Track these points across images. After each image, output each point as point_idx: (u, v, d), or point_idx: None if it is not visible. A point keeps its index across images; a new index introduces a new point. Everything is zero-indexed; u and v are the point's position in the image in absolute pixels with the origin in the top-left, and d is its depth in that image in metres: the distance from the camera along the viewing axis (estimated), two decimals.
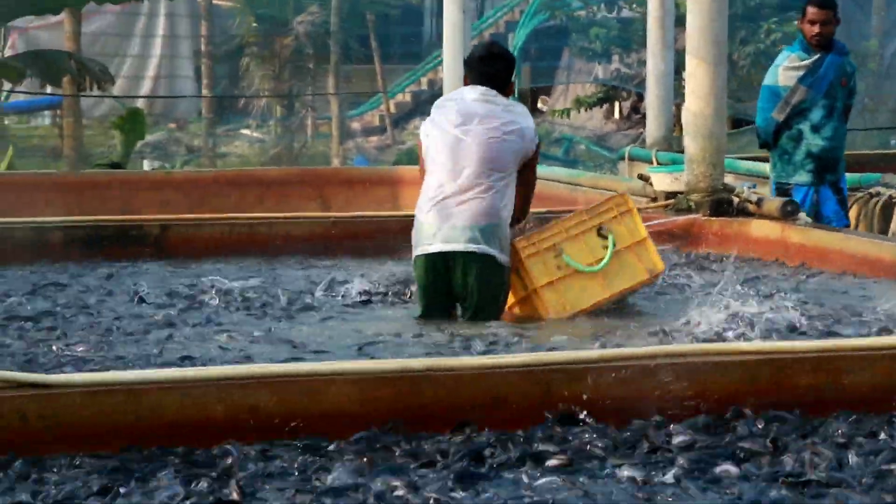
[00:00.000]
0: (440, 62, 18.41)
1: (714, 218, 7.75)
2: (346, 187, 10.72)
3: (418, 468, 3.51)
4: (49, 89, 16.92)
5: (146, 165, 18.68)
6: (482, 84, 5.78)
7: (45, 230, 7.60)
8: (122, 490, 3.31)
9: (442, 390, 3.88)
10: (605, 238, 5.91)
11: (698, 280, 6.53)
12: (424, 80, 24.55)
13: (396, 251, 6.53)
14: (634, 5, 19.61)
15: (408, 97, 24.74)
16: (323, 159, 20.89)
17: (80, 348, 5.01)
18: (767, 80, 7.89)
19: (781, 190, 7.86)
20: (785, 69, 7.76)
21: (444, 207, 5.62)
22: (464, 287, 5.62)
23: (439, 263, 5.63)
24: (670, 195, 8.09)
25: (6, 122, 20.73)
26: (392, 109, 23.87)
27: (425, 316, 5.69)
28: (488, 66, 5.82)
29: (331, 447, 3.65)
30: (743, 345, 4.61)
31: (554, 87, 22.23)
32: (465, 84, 5.90)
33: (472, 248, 5.58)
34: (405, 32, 25.83)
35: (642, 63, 18.04)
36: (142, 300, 6.11)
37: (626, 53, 20.05)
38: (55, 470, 3.47)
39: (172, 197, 10.12)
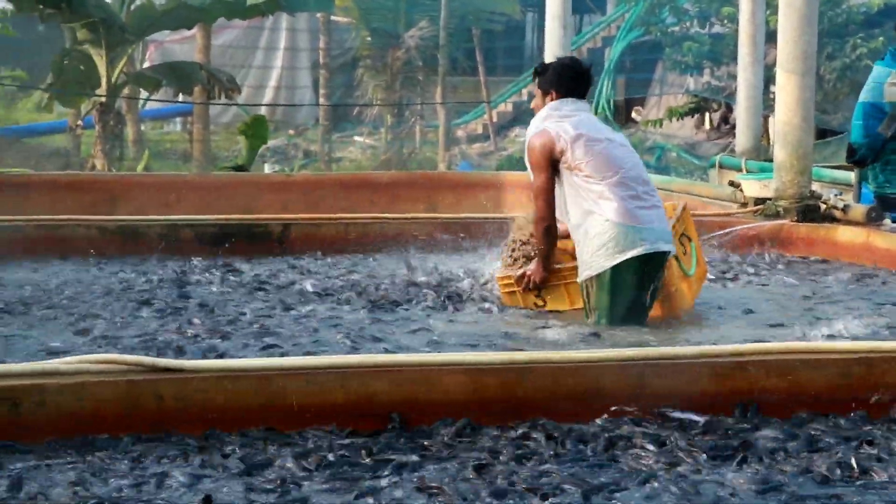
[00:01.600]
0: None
1: (801, 223, 7.65)
2: (452, 190, 10.74)
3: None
4: (181, 98, 17.20)
5: (267, 168, 18.89)
6: (573, 97, 5.66)
7: (178, 227, 7.72)
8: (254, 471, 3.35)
9: (544, 380, 3.86)
10: (686, 243, 5.87)
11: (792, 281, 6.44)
12: (525, 92, 24.49)
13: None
14: (726, 21, 19.36)
15: (509, 107, 24.70)
16: (430, 164, 20.94)
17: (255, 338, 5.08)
18: (869, 96, 7.52)
19: (887, 201, 7.63)
20: (890, 85, 7.46)
21: (644, 210, 5.42)
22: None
23: (663, 262, 5.48)
24: (760, 201, 8.01)
25: (142, 128, 21.08)
26: (494, 118, 23.85)
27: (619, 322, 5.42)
28: (587, 83, 5.75)
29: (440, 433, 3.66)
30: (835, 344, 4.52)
31: (647, 99, 22.04)
32: (554, 93, 5.62)
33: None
34: (508, 46, 25.80)
35: (732, 76, 17.84)
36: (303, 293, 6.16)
37: (717, 67, 19.81)
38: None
39: (292, 198, 10.22)
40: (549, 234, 5.59)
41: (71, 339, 5.05)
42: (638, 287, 5.43)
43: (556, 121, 5.52)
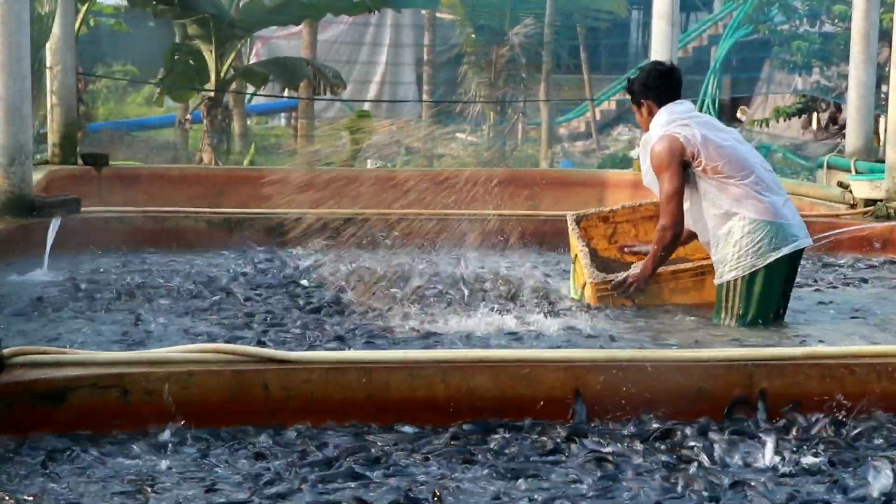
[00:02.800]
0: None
1: None
2: (554, 188, 10.71)
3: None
4: (287, 93, 17.39)
5: (370, 164, 19.00)
6: (670, 100, 5.61)
7: (283, 220, 7.81)
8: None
9: (645, 379, 3.83)
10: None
11: None
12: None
13: None
14: (837, 20, 18.99)
15: (612, 105, 24.53)
16: (531, 162, 20.89)
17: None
18: None
19: None
20: None
21: (784, 205, 5.44)
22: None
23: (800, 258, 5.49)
24: (870, 202, 7.86)
25: (248, 123, 21.38)
26: (598, 117, 23.71)
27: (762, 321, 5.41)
28: (679, 82, 5.71)
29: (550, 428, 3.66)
30: None
31: (753, 98, 21.71)
32: (656, 106, 5.58)
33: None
34: (613, 44, 25.63)
35: (842, 76, 17.48)
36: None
37: (827, 66, 19.43)
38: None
39: (395, 193, 10.26)
40: (675, 243, 5.55)
41: (178, 328, 5.14)
42: (785, 284, 5.42)
43: (679, 125, 5.48)
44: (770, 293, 5.38)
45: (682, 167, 5.41)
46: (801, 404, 3.79)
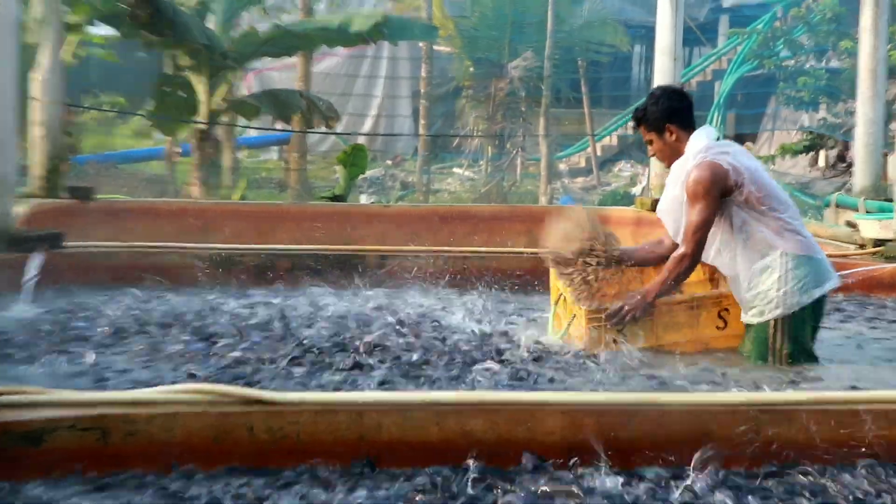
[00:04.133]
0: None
1: None
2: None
3: None
4: (279, 126, 17.42)
5: (364, 199, 19.03)
6: (690, 126, 5.58)
7: (274, 256, 7.79)
8: None
9: (648, 424, 3.79)
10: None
11: None
12: (630, 125, 24.38)
13: None
14: (844, 55, 19.06)
15: (614, 140, 24.61)
16: (530, 198, 20.91)
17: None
18: None
19: None
20: None
21: (815, 243, 5.46)
22: None
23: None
24: (879, 242, 7.83)
25: (239, 156, 21.40)
26: (598, 152, 23.76)
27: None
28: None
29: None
30: None
31: (759, 135, 21.77)
32: (681, 130, 5.54)
33: None
34: (614, 78, 25.72)
35: (849, 113, 17.54)
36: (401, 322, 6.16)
37: (834, 103, 19.50)
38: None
39: (389, 229, 10.26)
40: (688, 274, 5.49)
41: (160, 368, 5.09)
42: (820, 320, 5.41)
43: (719, 152, 5.40)
44: (814, 332, 5.38)
45: (720, 197, 5.34)
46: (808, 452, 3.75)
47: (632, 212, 10.69)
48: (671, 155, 5.58)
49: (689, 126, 5.56)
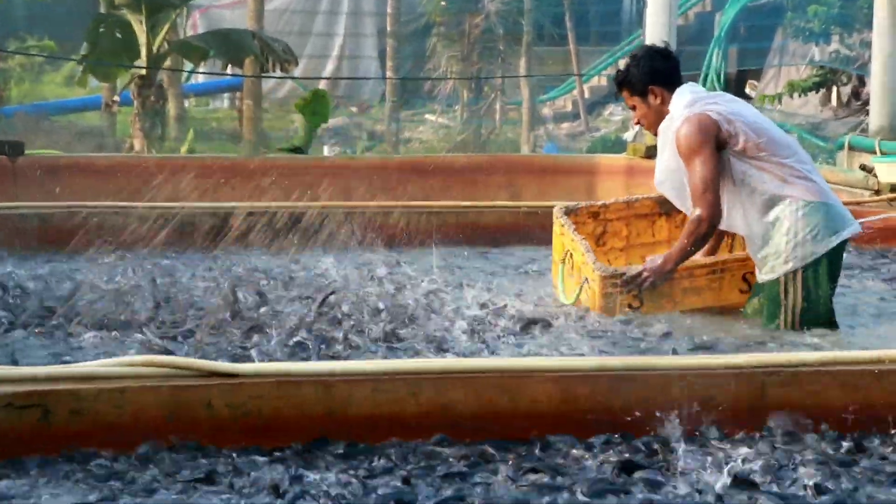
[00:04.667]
0: (640, 44, 18.18)
1: None
2: (538, 176, 10.74)
3: None
4: (230, 70, 17.36)
5: (326, 150, 19.01)
6: (678, 85, 5.64)
7: (227, 215, 7.80)
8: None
9: (643, 390, 3.85)
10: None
11: None
12: (622, 63, 24.30)
13: None
14: None
15: (603, 81, 24.61)
16: (511, 146, 20.95)
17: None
18: None
19: None
20: None
21: (829, 188, 5.52)
22: None
23: None
24: None
25: (186, 105, 21.32)
26: (586, 94, 23.78)
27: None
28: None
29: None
30: None
31: (764, 71, 21.81)
32: (668, 93, 5.58)
33: None
34: (603, 11, 25.70)
35: (865, 44, 17.58)
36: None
37: (848, 34, 19.53)
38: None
39: (355, 184, 10.28)
40: (709, 236, 5.54)
41: (104, 342, 5.12)
42: (838, 273, 5.45)
43: (706, 104, 5.47)
44: (829, 287, 5.41)
45: (716, 149, 5.38)
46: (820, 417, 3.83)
47: (623, 159, 10.75)
48: (657, 120, 5.64)
49: (675, 87, 5.60)
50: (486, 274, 6.92)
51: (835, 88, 20.37)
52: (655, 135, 5.69)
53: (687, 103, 5.48)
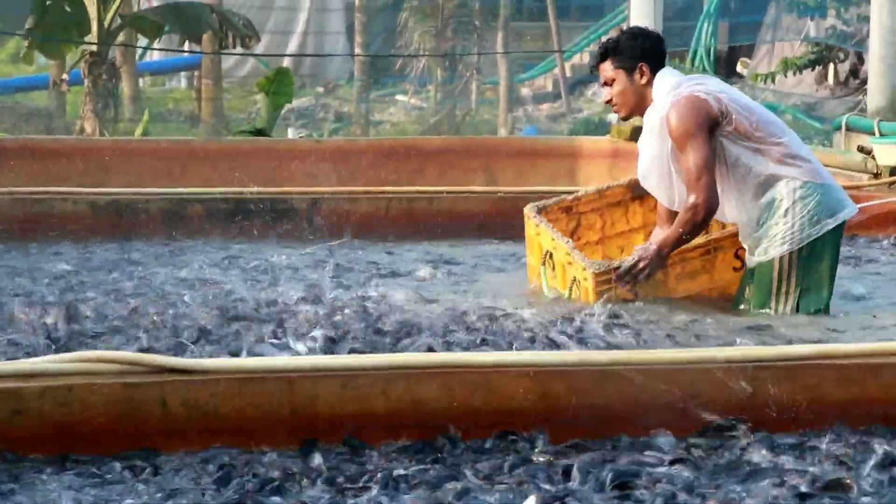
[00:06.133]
0: (625, 18, 18.22)
1: None
2: (516, 159, 10.75)
3: None
4: (187, 47, 17.32)
5: (291, 133, 18.98)
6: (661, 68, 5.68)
7: (184, 202, 7.79)
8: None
9: (629, 387, 3.87)
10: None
11: None
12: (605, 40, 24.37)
13: None
14: None
15: (586, 59, 24.66)
16: (488, 128, 20.97)
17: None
18: None
19: None
20: None
21: (824, 169, 5.59)
22: None
23: None
24: None
25: (141, 84, 21.26)
26: (568, 73, 23.81)
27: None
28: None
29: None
30: None
31: (757, 47, 21.88)
32: (652, 76, 5.61)
33: None
34: None
35: (864, 18, 17.66)
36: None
37: (845, 7, 19.62)
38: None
39: (322, 168, 10.28)
40: (705, 223, 5.56)
41: (50, 336, 5.10)
42: (836, 259, 5.49)
43: (694, 83, 5.51)
44: (831, 270, 5.46)
45: (710, 131, 5.41)
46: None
47: (607, 142, 10.77)
48: (634, 103, 5.65)
49: (658, 70, 5.63)
50: (461, 264, 6.92)
51: (831, 66, 20.45)
52: (625, 119, 5.74)
53: (671, 87, 5.52)
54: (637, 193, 6.18)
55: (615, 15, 23.07)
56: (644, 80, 5.60)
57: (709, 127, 5.40)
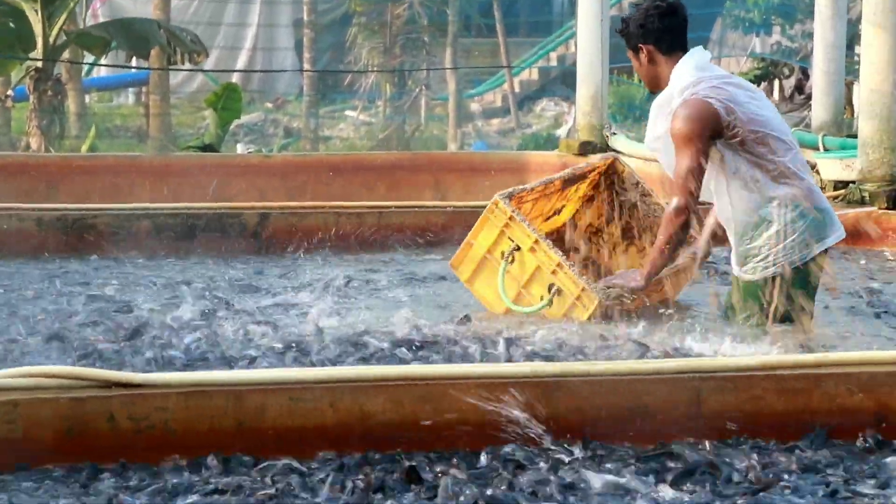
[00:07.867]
0: (572, 35, 18.26)
1: (893, 211, 7.66)
2: (465, 174, 10.79)
3: None
4: (134, 63, 17.28)
5: (240, 148, 18.96)
6: (679, 48, 5.58)
7: (132, 218, 7.77)
8: None
9: (574, 399, 3.89)
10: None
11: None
12: (554, 56, 24.52)
13: None
14: None
15: (534, 74, 24.72)
16: (438, 144, 21.00)
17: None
18: None
19: None
20: None
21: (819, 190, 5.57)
22: None
23: None
24: (841, 185, 8.02)
25: (87, 100, 21.16)
26: (517, 88, 23.89)
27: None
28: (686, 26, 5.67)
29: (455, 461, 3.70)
30: None
31: None
32: (661, 54, 5.54)
33: None
34: (532, 1, 25.83)
35: (808, 35, 17.80)
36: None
37: (790, 24, 19.78)
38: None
39: (271, 184, 10.28)
40: (686, 230, 5.50)
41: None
42: (818, 280, 5.50)
43: (711, 87, 5.42)
44: (815, 291, 5.48)
45: (711, 139, 5.38)
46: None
47: (556, 156, 10.81)
48: (649, 80, 5.63)
49: (673, 50, 5.55)
50: (408, 279, 6.93)
51: (777, 82, 20.62)
52: (653, 93, 5.66)
53: (692, 82, 5.43)
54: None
55: (562, 31, 23.18)
56: (648, 60, 5.56)
57: (711, 135, 5.37)
